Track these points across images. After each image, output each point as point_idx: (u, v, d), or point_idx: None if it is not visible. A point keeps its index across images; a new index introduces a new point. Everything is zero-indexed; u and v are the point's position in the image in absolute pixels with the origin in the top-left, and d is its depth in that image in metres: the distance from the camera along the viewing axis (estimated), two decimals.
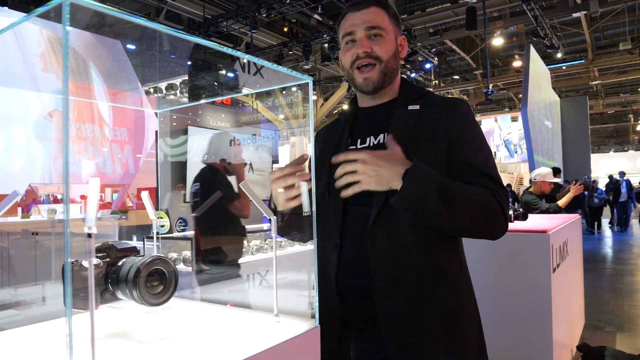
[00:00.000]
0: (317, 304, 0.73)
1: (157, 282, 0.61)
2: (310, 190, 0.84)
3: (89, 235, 0.44)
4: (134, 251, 0.66)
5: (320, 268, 1.12)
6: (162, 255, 0.63)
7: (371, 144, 1.10)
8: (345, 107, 1.25)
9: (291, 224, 1.03)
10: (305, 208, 0.86)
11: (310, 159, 1.16)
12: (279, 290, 0.77)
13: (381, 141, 1.08)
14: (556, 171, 8.10)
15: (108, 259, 0.63)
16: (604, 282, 6.11)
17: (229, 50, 0.67)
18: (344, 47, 1.12)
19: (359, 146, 1.11)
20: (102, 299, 0.62)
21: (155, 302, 0.61)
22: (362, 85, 1.10)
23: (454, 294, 1.03)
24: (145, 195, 0.80)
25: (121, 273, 0.61)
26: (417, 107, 1.09)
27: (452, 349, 0.99)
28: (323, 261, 1.10)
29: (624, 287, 5.70)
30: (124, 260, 0.63)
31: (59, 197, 6.16)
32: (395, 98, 1.14)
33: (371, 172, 0.90)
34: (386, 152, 0.94)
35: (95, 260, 0.62)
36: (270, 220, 0.74)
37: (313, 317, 0.72)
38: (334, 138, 1.17)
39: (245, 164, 3.73)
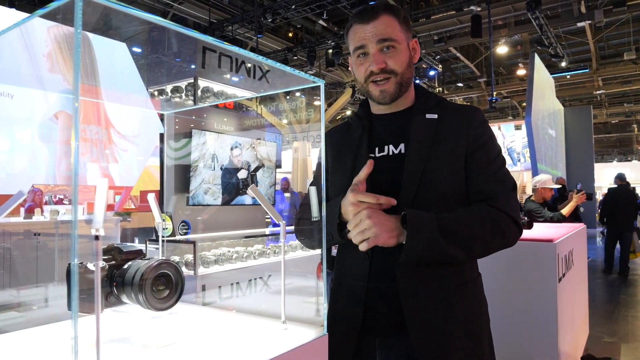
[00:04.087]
0: (325, 311, 0.71)
1: (163, 287, 0.60)
2: (320, 195, 0.83)
3: (97, 237, 0.43)
4: (139, 254, 0.64)
5: (339, 276, 1.14)
6: (168, 258, 0.61)
7: (391, 153, 1.10)
8: (351, 111, 1.22)
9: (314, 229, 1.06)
10: (315, 213, 0.85)
11: (320, 161, 1.16)
12: (287, 296, 0.75)
13: (402, 151, 1.08)
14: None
15: (113, 262, 0.62)
16: (608, 293, 6.06)
17: (241, 51, 0.66)
18: (356, 60, 1.10)
19: (377, 154, 1.11)
20: (107, 302, 0.61)
21: (161, 307, 0.59)
22: (379, 97, 1.09)
23: (474, 298, 1.08)
24: (151, 197, 0.79)
25: (127, 276, 0.59)
26: (435, 116, 1.09)
27: (472, 350, 1.05)
28: (344, 269, 1.12)
29: (628, 298, 5.65)
30: (129, 263, 0.61)
31: (61, 197, 6.15)
32: (411, 106, 1.14)
33: (375, 226, 0.93)
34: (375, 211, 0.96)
35: (100, 263, 0.61)
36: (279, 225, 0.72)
37: (321, 325, 0.70)
38: (349, 143, 1.16)
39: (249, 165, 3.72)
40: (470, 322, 1.05)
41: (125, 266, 0.61)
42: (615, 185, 7.59)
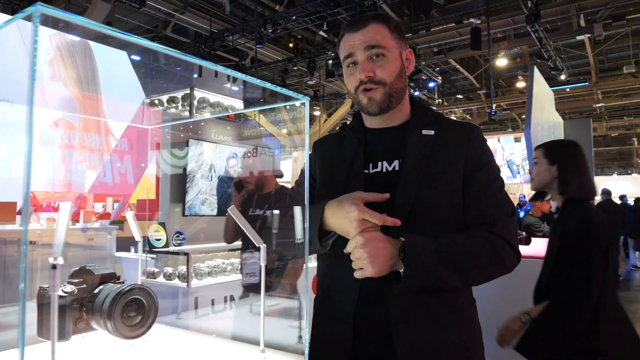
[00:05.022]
0: (307, 336, 0.68)
1: (135, 313, 0.57)
2: (304, 216, 0.80)
3: (54, 267, 0.40)
4: (112, 277, 0.61)
5: (325, 297, 1.08)
6: (142, 284, 0.58)
7: (384, 170, 1.04)
8: (349, 121, 1.17)
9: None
10: (298, 235, 0.82)
11: (304, 176, 1.12)
12: (269, 319, 0.72)
13: (396, 168, 1.03)
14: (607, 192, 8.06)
15: (84, 285, 0.59)
16: None
17: (228, 71, 0.64)
18: (347, 71, 1.07)
19: (371, 171, 1.05)
20: (75, 328, 0.58)
21: (131, 335, 0.56)
22: (367, 105, 1.04)
23: (468, 326, 1.03)
24: (130, 216, 0.76)
25: (96, 302, 0.56)
26: (432, 132, 1.05)
27: None
28: (330, 290, 1.06)
29: (630, 315, 5.59)
30: (100, 287, 0.58)
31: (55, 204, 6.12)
32: (407, 121, 1.10)
33: (369, 257, 0.89)
34: (372, 234, 0.92)
35: (69, 287, 0.58)
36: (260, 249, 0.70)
37: (302, 353, 0.67)
38: (342, 156, 1.10)
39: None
40: (464, 350, 1.00)
41: (97, 290, 0.58)
42: (602, 200, 8.17)
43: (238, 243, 3.39)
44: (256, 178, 2.41)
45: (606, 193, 8.09)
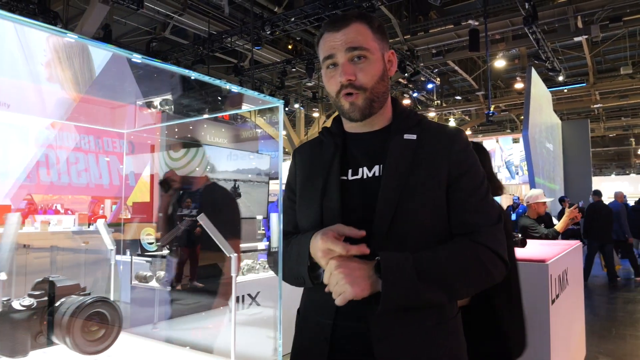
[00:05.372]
0: (281, 348, 0.66)
1: (97, 327, 0.54)
2: (280, 224, 0.77)
3: None
4: (76, 289, 0.59)
5: (305, 311, 1.04)
6: (104, 296, 0.56)
7: (365, 176, 0.99)
8: (328, 125, 1.13)
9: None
10: (274, 243, 0.80)
11: (289, 181, 1.08)
12: (247, 328, 0.70)
13: (376, 174, 0.98)
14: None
15: (45, 298, 0.56)
16: (606, 310, 5.97)
17: (194, 74, 0.62)
18: (326, 73, 1.01)
19: (350, 177, 1.00)
20: (35, 343, 0.55)
21: (92, 350, 0.54)
22: (349, 110, 0.99)
23: (453, 338, 0.99)
24: (101, 223, 0.73)
25: (56, 315, 0.54)
26: (414, 136, 1.00)
27: None
28: (309, 303, 1.03)
29: (627, 316, 5.56)
30: (63, 299, 0.56)
31: (57, 207, 6.09)
32: (388, 125, 1.04)
33: (346, 277, 0.86)
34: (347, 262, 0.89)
35: (28, 301, 0.56)
36: (231, 258, 0.67)
37: None
38: (320, 163, 1.05)
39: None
40: None
41: (58, 303, 0.56)
42: (592, 202, 8.30)
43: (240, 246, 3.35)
44: (182, 176, 2.32)
45: (597, 194, 8.20)
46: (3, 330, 0.52)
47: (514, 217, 9.54)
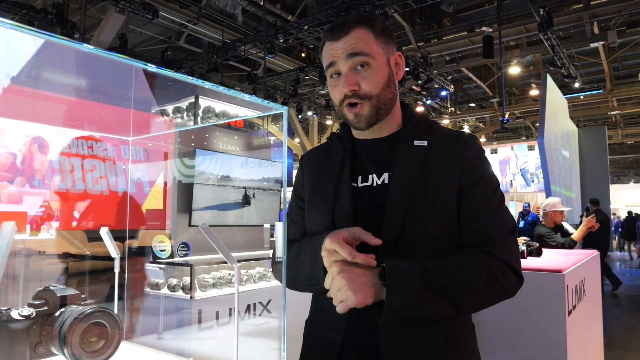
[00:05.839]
0: None
1: (96, 338, 0.54)
2: (285, 234, 0.76)
3: None
4: (77, 299, 0.58)
5: (312, 323, 1.02)
6: (104, 307, 0.55)
7: (374, 183, 0.97)
8: (336, 130, 1.10)
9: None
10: (279, 253, 0.78)
11: (295, 188, 1.06)
12: (253, 339, 0.69)
13: (385, 181, 0.95)
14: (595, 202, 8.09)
15: (45, 307, 0.56)
16: (626, 322, 5.81)
17: (193, 80, 0.61)
18: (330, 82, 0.99)
19: (359, 184, 0.98)
20: (35, 354, 0.54)
21: None
22: (354, 121, 0.97)
23: (467, 354, 0.94)
24: (104, 232, 0.73)
25: (55, 325, 0.53)
26: (425, 143, 0.96)
27: None
28: (318, 316, 0.99)
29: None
30: (62, 309, 0.55)
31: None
32: (398, 131, 1.01)
33: (348, 284, 0.83)
34: (350, 268, 0.85)
35: (27, 310, 0.55)
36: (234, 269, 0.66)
37: None
38: (330, 169, 1.03)
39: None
40: None
41: (57, 313, 0.55)
42: (591, 210, 8.17)
43: (240, 254, 3.35)
44: None
45: (594, 203, 8.08)
46: (1, 340, 0.51)
47: (521, 224, 9.36)
